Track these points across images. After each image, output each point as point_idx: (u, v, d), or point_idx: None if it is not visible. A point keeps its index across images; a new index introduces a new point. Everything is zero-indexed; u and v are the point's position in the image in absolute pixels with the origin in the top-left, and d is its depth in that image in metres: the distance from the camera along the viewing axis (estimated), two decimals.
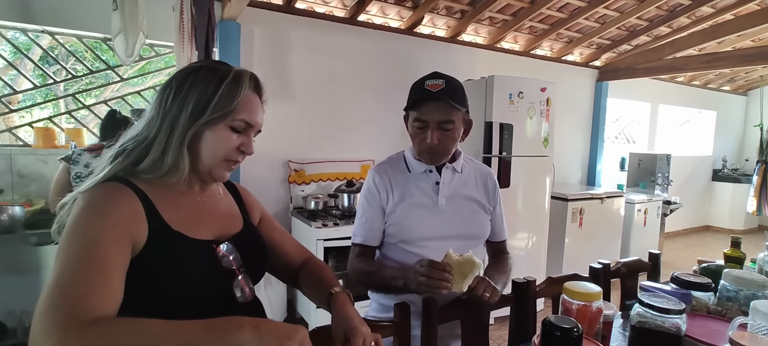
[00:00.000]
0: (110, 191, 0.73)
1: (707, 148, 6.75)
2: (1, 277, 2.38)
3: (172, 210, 0.78)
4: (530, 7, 3.53)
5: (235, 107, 0.78)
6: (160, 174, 0.77)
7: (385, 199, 1.23)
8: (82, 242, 0.66)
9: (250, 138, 0.83)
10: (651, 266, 1.52)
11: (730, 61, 4.17)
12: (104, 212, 0.69)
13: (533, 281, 1.20)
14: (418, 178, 1.25)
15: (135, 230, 0.71)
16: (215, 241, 0.82)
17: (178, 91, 0.77)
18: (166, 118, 0.76)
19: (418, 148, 1.20)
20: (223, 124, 0.78)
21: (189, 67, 0.80)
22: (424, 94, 1.13)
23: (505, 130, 3.04)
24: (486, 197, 1.30)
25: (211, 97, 0.76)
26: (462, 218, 1.24)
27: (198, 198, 0.85)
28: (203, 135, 0.78)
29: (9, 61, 2.98)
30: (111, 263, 0.66)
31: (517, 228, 3.21)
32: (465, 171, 1.29)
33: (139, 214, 0.73)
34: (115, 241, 0.68)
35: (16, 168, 2.39)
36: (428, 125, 1.14)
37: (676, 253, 5.36)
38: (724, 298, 1.16)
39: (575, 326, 0.81)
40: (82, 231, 0.67)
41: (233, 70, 0.79)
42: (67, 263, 0.64)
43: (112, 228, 0.68)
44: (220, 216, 0.88)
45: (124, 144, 0.79)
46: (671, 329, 0.88)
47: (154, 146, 0.76)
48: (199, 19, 2.49)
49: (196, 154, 0.79)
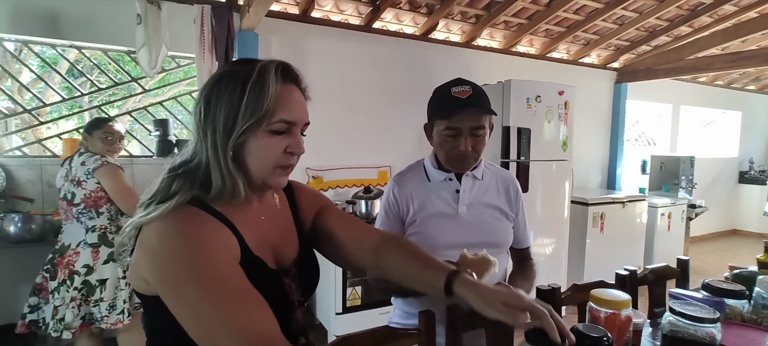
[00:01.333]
0: (196, 217, 0.67)
1: (733, 149, 6.55)
2: (33, 284, 2.46)
3: (250, 232, 0.73)
4: (546, 10, 3.50)
5: (268, 109, 0.69)
6: (227, 199, 0.70)
7: (405, 209, 1.23)
8: (204, 280, 0.61)
9: (298, 136, 0.75)
10: (680, 272, 1.48)
11: (755, 60, 4.04)
12: (203, 240, 0.64)
13: (558, 288, 1.18)
14: (438, 186, 1.24)
15: (231, 248, 0.68)
16: (285, 271, 0.78)
17: (207, 107, 0.70)
18: (206, 139, 0.70)
19: (448, 156, 1.18)
20: (261, 130, 0.70)
21: (212, 78, 0.72)
22: (454, 101, 1.12)
23: (523, 134, 3.01)
24: (508, 204, 1.28)
25: (238, 106, 0.68)
26: (484, 226, 1.23)
27: (260, 215, 0.79)
28: (246, 146, 0.70)
29: (38, 75, 3.10)
30: (242, 283, 0.63)
31: (537, 233, 3.16)
32: (486, 178, 1.28)
33: (232, 238, 0.70)
34: (232, 265, 0.66)
35: (45, 178, 2.47)
36: (461, 132, 1.13)
37: (703, 258, 5.20)
38: (759, 306, 1.11)
39: (605, 335, 0.79)
40: (199, 266, 0.62)
41: (257, 67, 0.70)
42: (211, 310, 0.59)
43: (223, 254, 0.65)
44: (278, 235, 0.81)
45: (176, 170, 0.72)
46: (705, 339, 0.85)
47: (213, 173, 0.70)
48: (218, 30, 2.55)
49: (246, 168, 0.72)
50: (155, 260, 0.63)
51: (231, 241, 0.68)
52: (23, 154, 2.61)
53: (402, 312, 1.26)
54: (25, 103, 2.81)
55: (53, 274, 1.87)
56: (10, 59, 2.72)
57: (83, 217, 1.89)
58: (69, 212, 1.91)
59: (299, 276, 0.81)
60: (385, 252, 0.84)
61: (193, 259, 0.62)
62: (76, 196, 1.88)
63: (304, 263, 0.84)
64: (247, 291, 0.63)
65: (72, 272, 1.86)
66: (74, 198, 1.88)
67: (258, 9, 2.47)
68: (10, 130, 2.67)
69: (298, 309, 0.79)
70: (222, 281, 0.61)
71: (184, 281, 0.61)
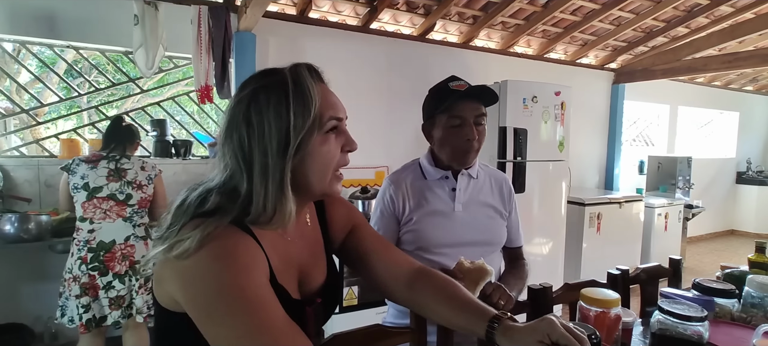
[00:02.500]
0: (238, 239, 0.62)
1: (730, 150, 6.57)
2: (29, 284, 2.47)
3: (275, 256, 0.68)
4: (543, 11, 3.51)
5: (317, 113, 0.65)
6: (265, 222, 0.65)
7: (401, 208, 1.23)
8: (241, 307, 0.57)
9: (347, 132, 0.72)
10: (672, 271, 1.49)
11: (752, 60, 4.05)
12: (245, 265, 0.60)
13: (549, 288, 1.18)
14: (434, 185, 1.24)
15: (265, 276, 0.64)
16: (307, 301, 0.74)
17: (250, 129, 0.63)
18: (252, 168, 0.64)
19: (455, 148, 1.18)
20: (316, 136, 0.66)
21: (244, 98, 0.65)
22: (456, 93, 1.14)
23: (519, 134, 3.02)
24: (502, 203, 1.29)
25: (288, 118, 0.63)
26: (478, 225, 1.24)
27: (289, 238, 0.73)
28: (304, 161, 0.66)
29: (36, 75, 3.11)
30: (281, 312, 0.60)
31: (534, 233, 3.17)
32: (480, 177, 1.28)
33: (266, 264, 0.65)
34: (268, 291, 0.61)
35: (43, 178, 2.48)
36: (466, 122, 1.15)
37: (700, 258, 5.21)
38: (748, 304, 1.12)
39: (593, 334, 0.80)
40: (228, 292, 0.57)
41: (289, 75, 0.66)
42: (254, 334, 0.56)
43: (255, 277, 0.60)
44: (306, 258, 0.76)
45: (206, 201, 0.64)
46: (693, 337, 0.86)
47: (255, 199, 0.64)
48: (216, 30, 2.56)
49: (304, 185, 0.67)
50: (191, 282, 0.59)
51: (265, 267, 0.64)
52: (21, 154, 2.62)
53: (396, 312, 1.27)
54: (23, 104, 2.82)
55: (105, 270, 1.93)
56: (8, 60, 2.72)
57: (136, 216, 2.03)
58: (114, 211, 1.97)
59: (323, 305, 0.77)
60: (419, 289, 0.81)
61: (232, 285, 0.57)
62: (133, 197, 2.02)
63: (329, 291, 0.80)
64: (286, 321, 0.59)
65: (133, 263, 1.98)
66: (131, 199, 2.01)
67: (255, 10, 2.47)
68: (8, 130, 2.68)
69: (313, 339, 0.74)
70: (263, 310, 0.57)
71: (222, 307, 0.57)
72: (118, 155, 2.02)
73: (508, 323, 0.68)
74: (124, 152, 2.06)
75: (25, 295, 2.46)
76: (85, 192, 1.93)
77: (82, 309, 1.91)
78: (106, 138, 2.08)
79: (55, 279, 2.00)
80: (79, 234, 1.93)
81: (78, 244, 1.92)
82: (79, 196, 1.94)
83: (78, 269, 1.90)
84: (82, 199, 1.93)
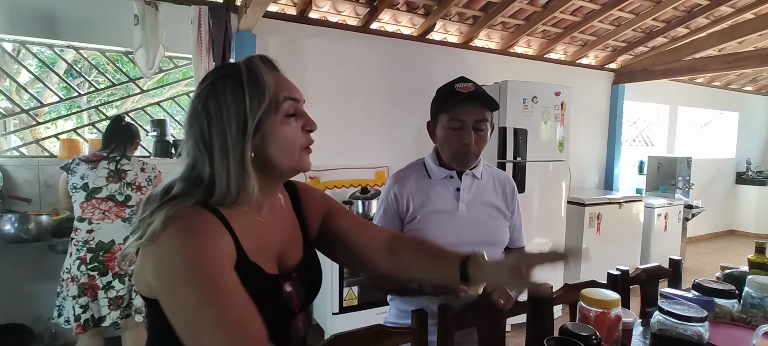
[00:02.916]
0: (200, 218, 0.65)
1: (730, 150, 6.57)
2: (29, 284, 2.47)
3: (248, 238, 0.71)
4: (543, 11, 3.51)
5: (272, 95, 0.69)
6: (230, 202, 0.68)
7: (405, 207, 1.23)
8: (198, 281, 0.59)
9: (306, 113, 0.76)
10: (672, 272, 1.49)
11: (752, 61, 4.06)
12: (205, 241, 0.63)
13: (549, 288, 1.19)
14: (439, 184, 1.25)
15: (228, 252, 0.66)
16: (283, 276, 0.76)
17: (209, 116, 0.68)
18: (212, 151, 0.68)
19: (453, 150, 1.18)
20: (274, 117, 0.70)
21: (204, 88, 0.70)
22: (458, 95, 1.14)
23: (519, 135, 3.02)
24: (505, 203, 1.30)
25: (244, 101, 0.67)
26: (482, 225, 1.24)
27: (263, 219, 0.76)
28: (267, 140, 0.70)
29: (36, 75, 3.11)
30: (236, 286, 0.62)
31: (534, 233, 3.17)
32: (484, 177, 1.29)
33: (231, 242, 0.67)
34: (226, 267, 0.63)
35: (43, 178, 2.48)
36: (465, 125, 1.15)
37: (700, 258, 5.22)
38: (748, 305, 1.13)
39: (593, 334, 0.80)
40: (187, 267, 0.60)
41: (243, 65, 0.71)
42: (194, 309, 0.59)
43: (213, 253, 0.62)
44: (282, 238, 0.79)
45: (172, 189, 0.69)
46: (693, 337, 0.86)
47: (216, 185, 0.68)
48: (216, 30, 2.56)
49: (270, 163, 0.72)
50: (159, 262, 0.63)
51: (229, 245, 0.67)
52: (21, 154, 2.62)
53: (398, 311, 1.27)
54: (23, 104, 2.82)
55: (104, 270, 1.93)
56: (8, 60, 2.72)
57: (135, 216, 1.98)
58: (113, 212, 1.98)
59: (302, 281, 0.79)
60: (398, 249, 0.86)
61: (190, 260, 0.61)
62: (132, 198, 2.02)
63: (307, 267, 0.82)
64: (239, 295, 0.61)
65: (132, 263, 1.93)
66: (130, 200, 2.02)
67: (255, 10, 2.47)
68: (8, 130, 2.68)
69: (298, 316, 0.77)
70: (215, 284, 0.60)
71: (180, 281, 0.60)
72: (119, 156, 2.02)
73: (478, 260, 0.77)
74: (124, 152, 2.05)
75: (25, 295, 2.46)
76: (84, 192, 1.93)
77: (80, 309, 1.90)
78: (106, 138, 2.07)
79: (55, 279, 2.00)
80: (77, 234, 1.93)
81: (77, 244, 1.92)
82: (78, 196, 1.93)
83: (77, 269, 1.90)
84: (81, 199, 1.93)
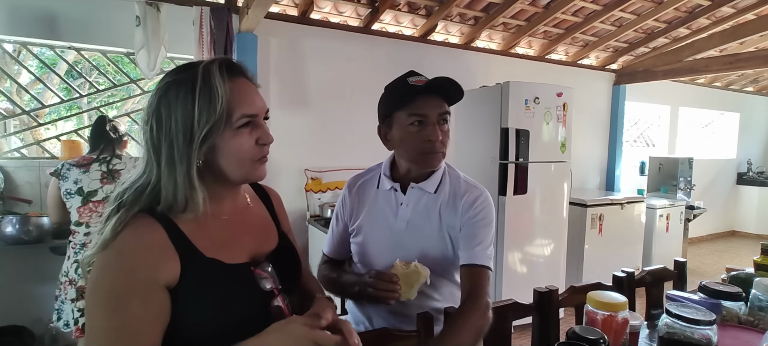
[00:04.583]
0: (130, 227, 0.66)
1: (731, 150, 6.57)
2: (29, 286, 2.46)
3: (204, 236, 0.71)
4: (544, 12, 3.51)
5: (224, 109, 0.68)
6: (178, 212, 0.69)
7: (349, 215, 1.18)
8: (105, 305, 0.63)
9: (264, 126, 0.74)
10: (677, 274, 1.48)
11: (753, 61, 4.05)
12: (121, 262, 0.65)
13: (555, 290, 1.18)
14: (383, 196, 1.16)
15: (161, 268, 0.66)
16: (252, 262, 0.77)
17: (159, 122, 0.67)
18: (160, 155, 0.68)
19: (417, 151, 1.05)
20: (226, 131, 0.69)
21: (157, 91, 0.69)
22: (414, 89, 1.02)
23: (521, 136, 3.01)
24: (455, 217, 1.10)
25: (192, 113, 0.66)
26: (418, 244, 1.10)
27: (227, 217, 0.78)
28: (217, 151, 0.70)
29: (37, 76, 3.10)
30: (136, 320, 0.63)
31: (535, 235, 3.16)
32: (440, 191, 1.12)
33: (166, 248, 0.67)
34: (139, 292, 0.63)
35: (44, 180, 2.47)
36: (428, 121, 1.03)
37: (702, 259, 5.21)
38: (755, 308, 1.12)
39: (601, 338, 0.80)
40: (103, 289, 0.64)
41: (200, 71, 0.68)
42: (96, 332, 0.63)
43: (131, 278, 0.64)
44: (253, 232, 0.82)
45: (125, 195, 0.70)
46: (701, 341, 0.85)
47: (163, 191, 0.68)
48: (217, 32, 2.55)
49: (221, 173, 0.72)
50: (93, 273, 0.65)
51: (165, 249, 0.67)
52: (21, 155, 2.61)
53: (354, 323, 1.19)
54: (23, 105, 2.81)
55: None
56: (8, 60, 2.71)
57: None
58: None
59: (277, 265, 0.79)
60: None
61: (109, 284, 0.64)
62: None
63: (280, 252, 0.84)
64: (135, 329, 0.63)
65: None
66: None
67: (257, 11, 2.47)
68: (9, 131, 2.67)
69: (278, 296, 0.77)
70: (118, 314, 0.63)
71: (94, 299, 0.64)
72: (109, 156, 1.97)
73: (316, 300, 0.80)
74: (114, 152, 2.00)
75: (25, 297, 2.45)
76: (80, 197, 1.90)
77: (79, 313, 1.89)
78: (93, 140, 2.02)
79: (55, 281, 1.99)
80: (75, 238, 1.91)
81: (74, 247, 1.90)
82: (74, 201, 1.90)
83: (74, 272, 1.88)
84: (77, 204, 1.90)
